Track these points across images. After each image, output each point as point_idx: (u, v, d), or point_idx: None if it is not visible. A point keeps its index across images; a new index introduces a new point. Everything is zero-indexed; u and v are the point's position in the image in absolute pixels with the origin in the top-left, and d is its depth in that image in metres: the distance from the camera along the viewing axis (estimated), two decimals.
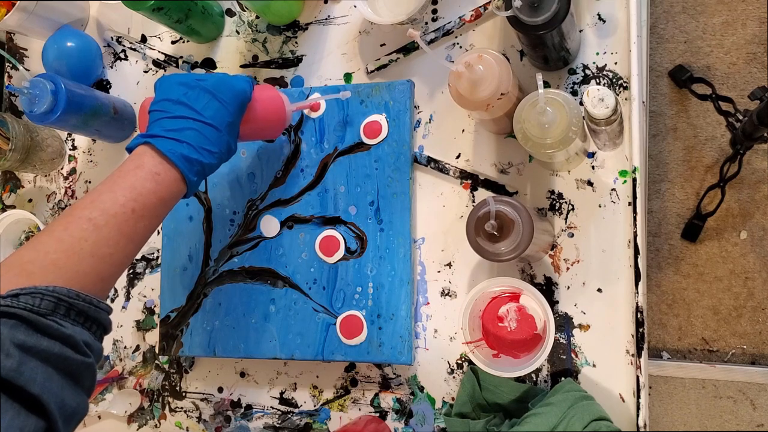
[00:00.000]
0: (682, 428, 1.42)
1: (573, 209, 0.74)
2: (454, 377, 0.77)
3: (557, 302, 0.74)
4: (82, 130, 0.88)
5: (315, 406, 0.82)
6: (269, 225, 0.83)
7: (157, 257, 0.90)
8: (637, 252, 0.70)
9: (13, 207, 0.98)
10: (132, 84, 0.95)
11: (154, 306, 0.89)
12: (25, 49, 1.02)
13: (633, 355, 0.70)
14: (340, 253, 0.80)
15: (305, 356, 0.79)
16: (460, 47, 0.80)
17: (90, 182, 0.95)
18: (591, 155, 0.74)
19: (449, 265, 0.78)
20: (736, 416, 1.39)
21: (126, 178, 0.56)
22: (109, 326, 0.53)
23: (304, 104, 0.76)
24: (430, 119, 0.81)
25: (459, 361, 0.77)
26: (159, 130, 0.58)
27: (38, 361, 0.43)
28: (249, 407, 0.85)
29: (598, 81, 0.74)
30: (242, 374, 0.85)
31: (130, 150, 0.60)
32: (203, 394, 0.87)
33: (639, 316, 0.69)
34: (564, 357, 0.73)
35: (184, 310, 0.84)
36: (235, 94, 0.62)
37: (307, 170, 0.82)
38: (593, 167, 0.74)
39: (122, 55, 0.96)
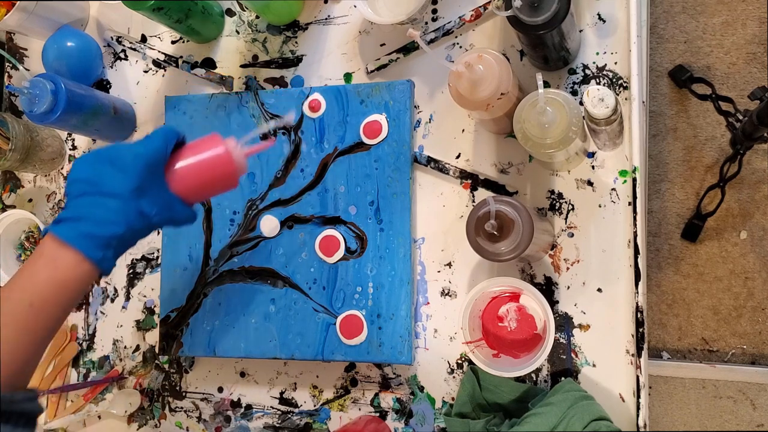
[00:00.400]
0: (682, 428, 1.42)
1: (573, 209, 0.74)
2: (454, 377, 0.77)
3: (557, 302, 0.74)
4: (82, 130, 0.88)
5: (315, 406, 0.82)
6: (269, 225, 0.83)
7: (157, 257, 0.90)
8: (637, 252, 0.70)
9: (13, 207, 0.98)
10: (132, 84, 0.94)
11: (154, 306, 0.89)
12: (25, 49, 1.02)
13: (633, 355, 0.70)
14: (340, 253, 0.80)
15: (305, 356, 0.79)
16: (460, 47, 0.80)
17: None
18: (591, 155, 0.74)
19: (449, 265, 0.78)
20: (736, 416, 1.39)
21: (24, 270, 0.55)
22: (36, 409, 0.52)
23: (257, 147, 0.63)
24: (430, 119, 0.81)
25: (459, 361, 0.77)
26: (62, 215, 0.57)
27: None
28: (249, 407, 0.85)
29: (598, 81, 0.74)
30: (242, 374, 0.85)
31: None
32: (203, 394, 0.87)
33: (639, 316, 0.69)
34: (564, 357, 0.73)
35: (184, 310, 0.84)
36: (136, 156, 0.57)
37: (307, 170, 0.82)
38: (593, 167, 0.74)
39: (122, 55, 0.96)
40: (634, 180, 0.71)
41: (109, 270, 0.57)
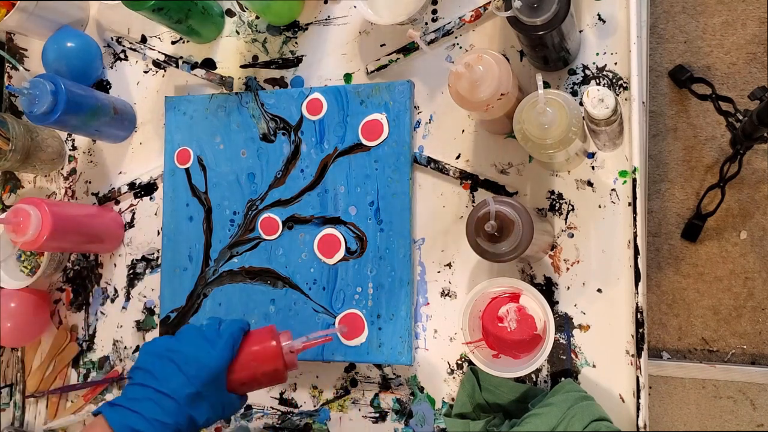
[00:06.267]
0: (682, 428, 1.42)
1: (573, 209, 0.74)
2: (454, 377, 0.77)
3: (557, 302, 0.74)
4: (82, 130, 0.88)
5: (315, 406, 0.82)
6: (269, 225, 0.83)
7: (157, 257, 0.90)
8: (636, 252, 0.70)
9: None
10: (132, 84, 0.94)
11: (154, 306, 0.89)
12: (25, 49, 1.02)
13: (633, 356, 0.70)
14: (341, 253, 0.80)
15: (305, 356, 0.79)
16: (460, 47, 0.80)
17: (90, 182, 0.95)
18: (591, 155, 0.74)
19: (449, 265, 0.78)
20: (736, 416, 1.39)
21: None
22: None
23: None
24: (430, 119, 0.81)
25: (459, 362, 0.77)
26: (120, 398, 0.58)
27: None
28: (249, 407, 0.85)
29: (598, 81, 0.74)
30: None
31: (95, 415, 0.59)
32: None
33: (639, 316, 0.69)
34: (564, 357, 0.73)
35: (184, 310, 0.84)
36: (201, 368, 0.58)
37: (307, 171, 0.82)
38: (593, 167, 0.74)
39: (122, 56, 0.96)
40: (634, 180, 0.71)
41: None
